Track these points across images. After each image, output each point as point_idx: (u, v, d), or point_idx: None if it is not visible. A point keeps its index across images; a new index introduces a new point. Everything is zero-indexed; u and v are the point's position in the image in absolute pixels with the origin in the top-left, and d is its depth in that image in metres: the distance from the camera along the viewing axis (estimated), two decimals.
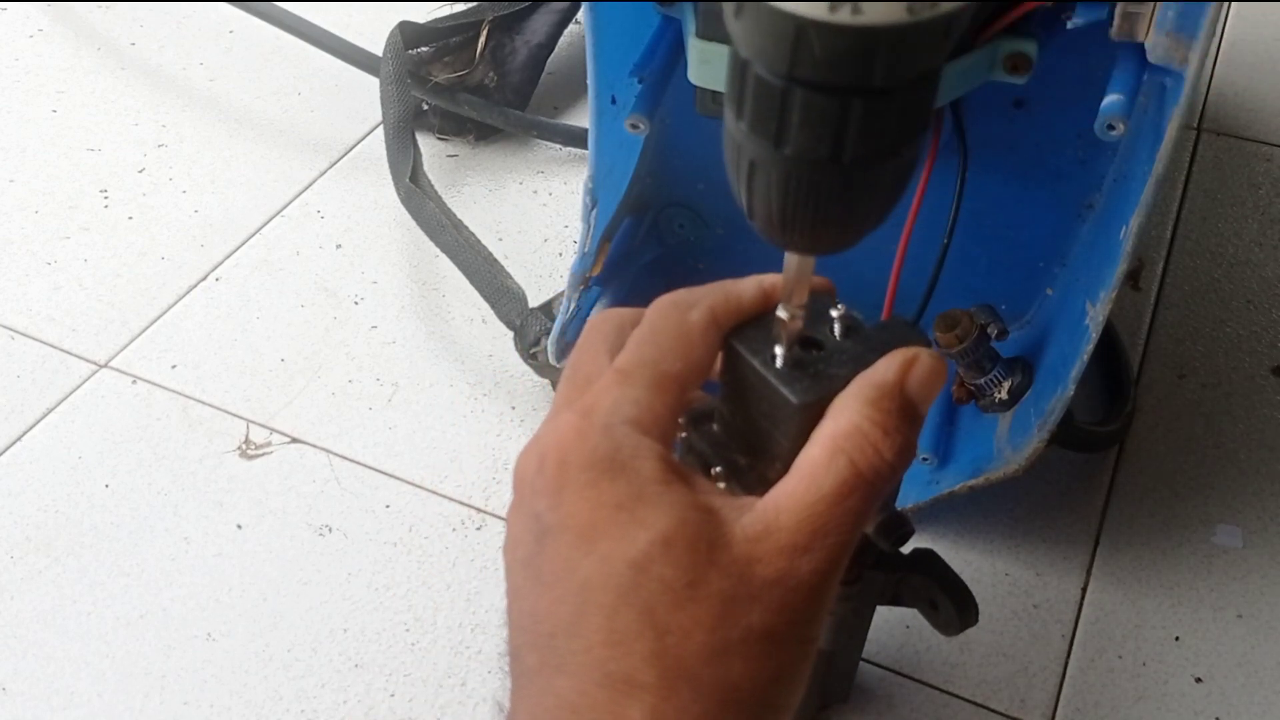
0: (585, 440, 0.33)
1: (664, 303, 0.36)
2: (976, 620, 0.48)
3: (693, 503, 0.32)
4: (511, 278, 0.77)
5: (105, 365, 0.80)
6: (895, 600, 0.50)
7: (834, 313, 0.36)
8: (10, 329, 0.83)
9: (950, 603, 0.48)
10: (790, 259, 0.34)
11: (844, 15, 0.25)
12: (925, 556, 0.49)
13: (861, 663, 0.60)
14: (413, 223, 0.83)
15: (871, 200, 0.31)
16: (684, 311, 0.35)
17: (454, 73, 0.94)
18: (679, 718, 0.31)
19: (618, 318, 0.38)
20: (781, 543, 0.32)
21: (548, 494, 0.33)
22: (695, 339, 0.35)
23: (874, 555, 0.47)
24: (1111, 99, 0.48)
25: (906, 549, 0.45)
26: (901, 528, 0.37)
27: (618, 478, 0.32)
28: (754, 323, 0.36)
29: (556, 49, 1.00)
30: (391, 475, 0.73)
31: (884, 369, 0.34)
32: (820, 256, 0.33)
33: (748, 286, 0.36)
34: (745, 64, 0.28)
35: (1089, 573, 0.67)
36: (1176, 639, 0.64)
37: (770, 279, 0.37)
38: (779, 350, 0.35)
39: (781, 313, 0.35)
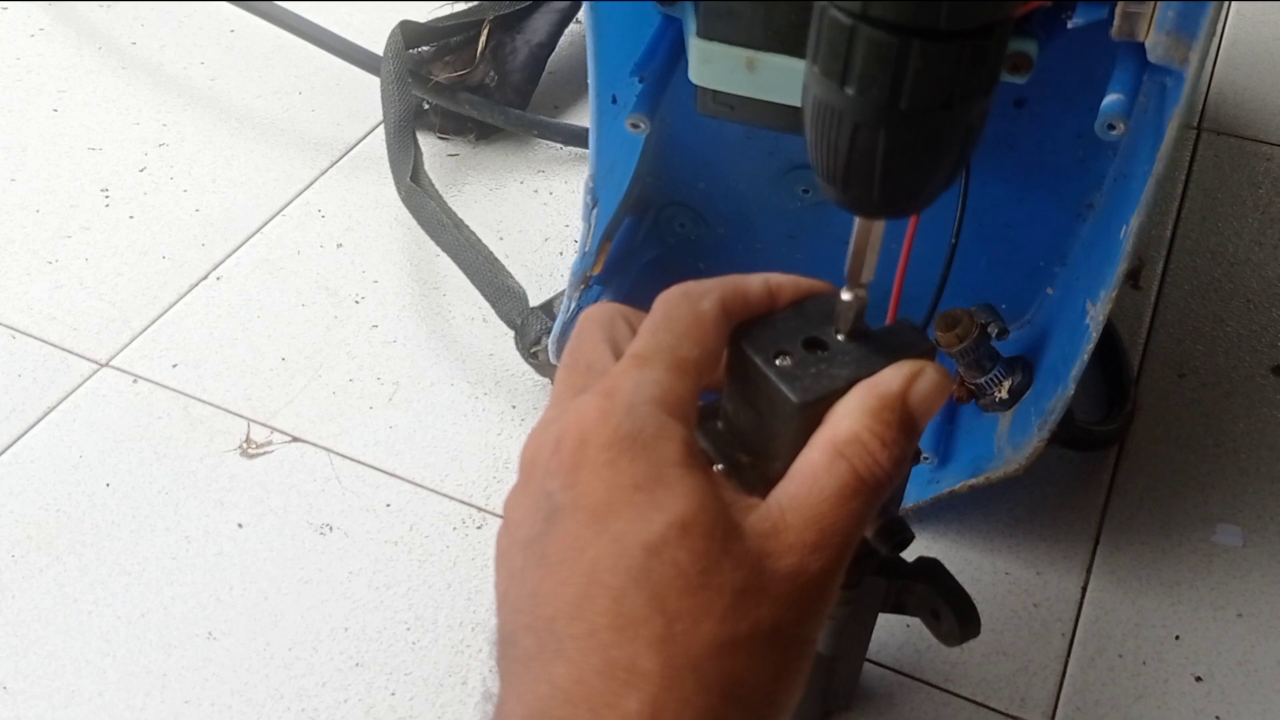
0: (608, 420, 0.32)
1: (674, 293, 0.36)
2: (978, 633, 0.48)
3: (711, 490, 0.32)
4: (512, 277, 0.77)
5: (106, 364, 0.80)
6: (898, 608, 0.50)
7: None
8: (11, 328, 0.83)
9: (952, 614, 0.48)
10: (861, 230, 0.34)
11: None
12: (929, 565, 0.49)
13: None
14: (413, 222, 0.83)
15: (968, 145, 0.32)
16: (695, 301, 0.35)
17: (455, 72, 0.94)
18: (680, 710, 0.30)
19: (610, 309, 0.38)
20: (791, 540, 0.32)
21: (562, 473, 0.32)
22: (709, 327, 0.35)
23: (877, 562, 0.47)
24: (1112, 99, 0.48)
25: (910, 556, 0.45)
26: (900, 533, 0.37)
27: (638, 458, 0.32)
28: (759, 322, 0.36)
29: (557, 48, 1.00)
30: (392, 474, 0.73)
31: (889, 379, 0.34)
32: (895, 219, 0.34)
33: (755, 281, 0.37)
34: (853, 29, 0.29)
35: (1089, 571, 0.67)
36: (1177, 638, 0.64)
37: (776, 279, 0.37)
38: (838, 332, 0.36)
39: (846, 294, 0.35)
